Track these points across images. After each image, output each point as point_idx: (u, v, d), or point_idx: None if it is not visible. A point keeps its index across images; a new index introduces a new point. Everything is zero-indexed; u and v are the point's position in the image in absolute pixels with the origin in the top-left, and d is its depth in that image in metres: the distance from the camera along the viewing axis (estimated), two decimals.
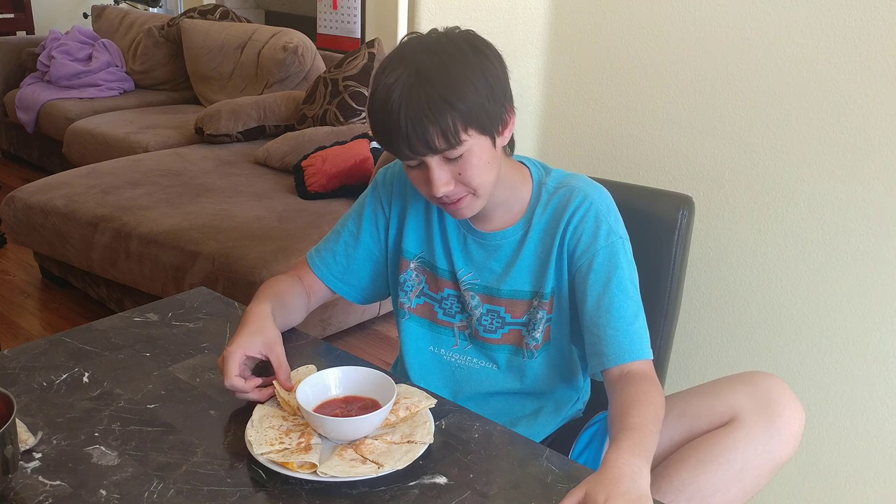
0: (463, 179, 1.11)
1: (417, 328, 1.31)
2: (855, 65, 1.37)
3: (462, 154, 1.08)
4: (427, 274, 1.29)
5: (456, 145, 1.07)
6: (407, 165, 1.13)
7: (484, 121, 1.08)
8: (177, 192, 2.85)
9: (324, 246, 1.34)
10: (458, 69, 1.06)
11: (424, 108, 1.03)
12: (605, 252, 1.17)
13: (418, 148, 1.06)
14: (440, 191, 1.10)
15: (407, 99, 1.04)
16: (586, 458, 1.25)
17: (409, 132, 1.05)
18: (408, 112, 1.04)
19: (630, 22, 1.61)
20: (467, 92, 1.05)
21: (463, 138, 1.06)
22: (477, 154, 1.09)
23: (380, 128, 1.09)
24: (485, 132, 1.09)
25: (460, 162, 1.09)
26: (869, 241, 1.43)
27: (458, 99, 1.04)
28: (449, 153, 1.08)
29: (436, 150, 1.07)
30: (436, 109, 1.03)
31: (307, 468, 0.95)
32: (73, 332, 1.28)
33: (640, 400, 1.04)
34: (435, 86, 1.04)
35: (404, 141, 1.06)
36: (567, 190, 1.21)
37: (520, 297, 1.23)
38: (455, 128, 1.05)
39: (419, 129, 1.04)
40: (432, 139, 1.05)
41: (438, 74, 1.04)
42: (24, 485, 0.92)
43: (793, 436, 1.10)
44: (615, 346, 1.13)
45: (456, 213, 1.16)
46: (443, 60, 1.06)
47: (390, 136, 1.07)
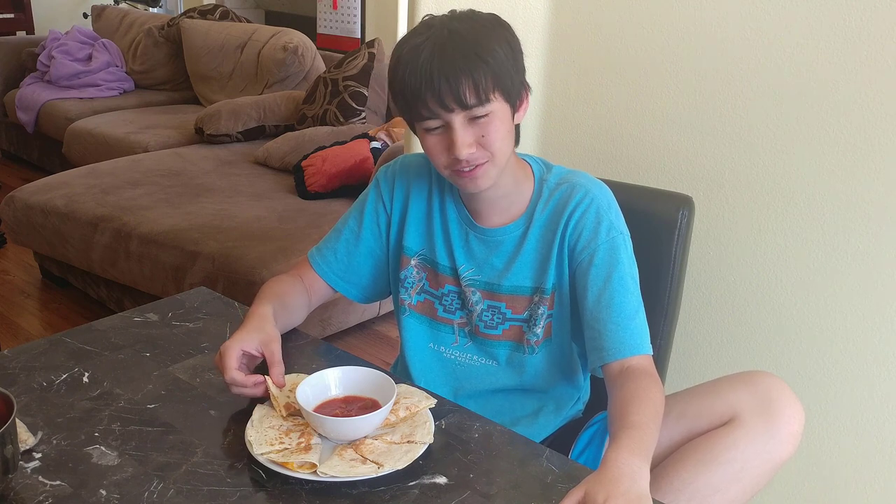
0: (485, 143, 1.11)
1: (418, 325, 1.31)
2: (855, 65, 1.37)
3: (487, 115, 1.10)
4: (428, 271, 1.29)
5: (485, 102, 1.08)
6: (426, 131, 1.13)
7: (509, 87, 1.11)
8: (177, 192, 2.86)
9: (325, 244, 1.34)
10: (488, 33, 1.10)
11: (459, 60, 1.06)
12: (606, 247, 1.17)
13: (448, 103, 1.07)
14: (463, 152, 1.10)
15: (440, 54, 1.06)
16: (586, 458, 1.25)
17: (442, 85, 1.06)
18: (441, 65, 1.06)
19: (630, 22, 1.61)
20: (498, 53, 1.09)
21: (491, 97, 1.09)
22: (500, 118, 1.11)
23: (407, 86, 1.09)
24: (508, 99, 1.12)
25: (483, 123, 1.10)
26: (869, 241, 1.43)
27: (490, 57, 1.08)
28: (476, 110, 1.09)
29: (465, 105, 1.08)
30: (471, 63, 1.06)
31: (307, 468, 0.95)
32: (73, 332, 1.28)
33: (640, 397, 1.04)
34: (468, 43, 1.07)
35: (435, 96, 1.07)
36: (568, 186, 1.21)
37: (521, 292, 1.24)
38: (486, 84, 1.07)
39: (453, 81, 1.06)
40: (464, 93, 1.07)
41: (471, 34, 1.08)
42: (24, 485, 0.92)
43: (792, 435, 1.10)
44: (615, 341, 1.13)
45: (473, 181, 1.15)
46: (472, 25, 1.10)
47: (419, 92, 1.08)
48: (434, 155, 1.14)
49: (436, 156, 1.14)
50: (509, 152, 1.16)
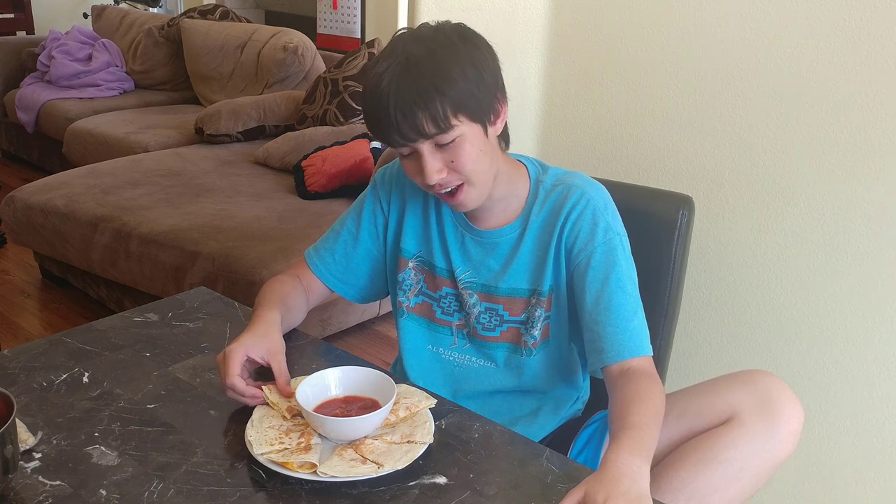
0: (456, 167, 1.11)
1: (416, 327, 1.31)
2: (855, 65, 1.37)
3: (454, 140, 1.09)
4: (425, 273, 1.29)
5: (447, 130, 1.07)
6: (401, 156, 1.14)
7: (474, 107, 1.09)
8: (177, 192, 2.85)
9: (322, 245, 1.34)
10: (446, 57, 1.07)
11: (413, 94, 1.05)
12: (603, 249, 1.17)
13: (409, 134, 1.07)
14: (433, 178, 1.11)
15: (396, 87, 1.05)
16: (585, 457, 1.25)
17: (399, 119, 1.06)
18: (397, 100, 1.05)
19: (630, 22, 1.61)
20: (456, 79, 1.06)
21: (453, 123, 1.07)
22: (469, 140, 1.10)
23: (371, 117, 1.10)
24: (475, 119, 1.10)
25: (452, 148, 1.10)
26: (869, 241, 1.43)
27: (446, 85, 1.06)
28: (440, 138, 1.08)
29: (426, 136, 1.08)
30: (425, 95, 1.05)
31: (307, 468, 0.95)
32: (73, 332, 1.28)
33: (640, 397, 1.04)
34: (423, 73, 1.05)
35: (395, 128, 1.07)
36: (564, 187, 1.21)
37: (518, 294, 1.24)
38: (444, 113, 1.06)
39: (409, 115, 1.05)
40: (422, 124, 1.06)
41: (427, 62, 1.06)
42: (24, 485, 0.92)
43: (792, 434, 1.10)
44: (614, 343, 1.13)
45: (457, 206, 1.16)
46: (431, 49, 1.07)
47: (381, 124, 1.09)
48: (412, 177, 1.16)
49: (413, 178, 1.15)
50: (487, 170, 1.14)
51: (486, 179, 1.15)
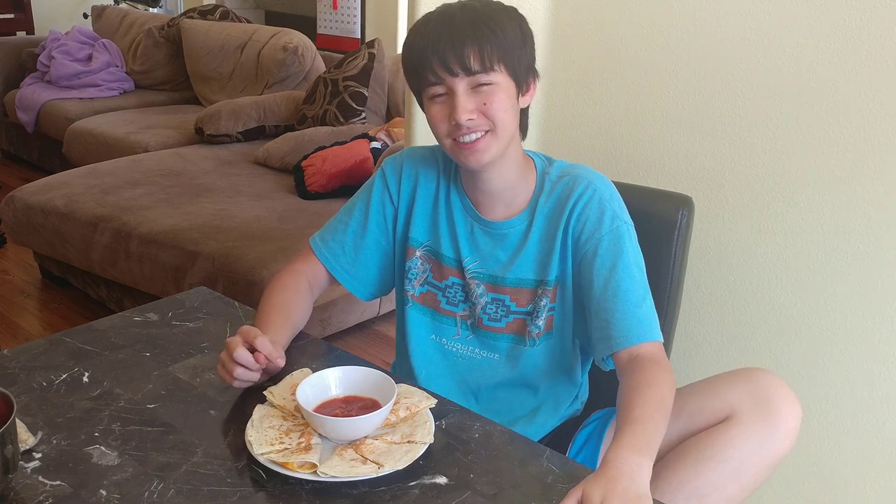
0: (487, 111, 1.13)
1: (420, 317, 1.31)
2: (855, 65, 1.37)
3: (491, 84, 1.12)
4: (432, 262, 1.29)
5: (488, 70, 1.11)
6: (431, 99, 1.15)
7: (515, 64, 1.14)
8: (177, 192, 2.86)
9: (331, 236, 1.33)
10: (501, 13, 1.15)
11: (467, 27, 1.10)
12: (611, 237, 1.18)
13: (452, 67, 1.10)
14: (463, 116, 1.12)
15: (450, 22, 1.11)
16: (584, 456, 1.26)
17: (447, 49, 1.10)
18: (449, 31, 1.10)
19: (630, 22, 1.61)
20: (507, 29, 1.13)
21: (496, 67, 1.12)
22: (504, 91, 1.14)
23: (415, 51, 1.14)
24: (513, 76, 1.15)
25: (486, 92, 1.13)
26: (869, 241, 1.43)
27: (499, 29, 1.12)
28: (479, 77, 1.11)
29: (469, 71, 1.11)
30: (478, 31, 1.10)
31: (307, 468, 0.95)
32: (73, 332, 1.28)
33: (645, 387, 1.04)
34: (479, 16, 1.12)
35: (440, 58, 1.10)
36: (570, 178, 1.22)
37: (524, 285, 1.24)
38: (491, 53, 1.11)
39: (458, 45, 1.10)
40: (468, 57, 1.10)
41: (483, 10, 1.14)
42: (24, 485, 0.92)
43: (790, 432, 1.11)
44: (623, 329, 1.13)
45: (473, 154, 1.16)
46: (486, 4, 1.16)
47: (425, 56, 1.12)
48: (437, 123, 1.16)
49: (438, 124, 1.16)
50: (512, 128, 1.17)
51: (508, 135, 1.17)
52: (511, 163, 1.21)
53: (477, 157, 1.16)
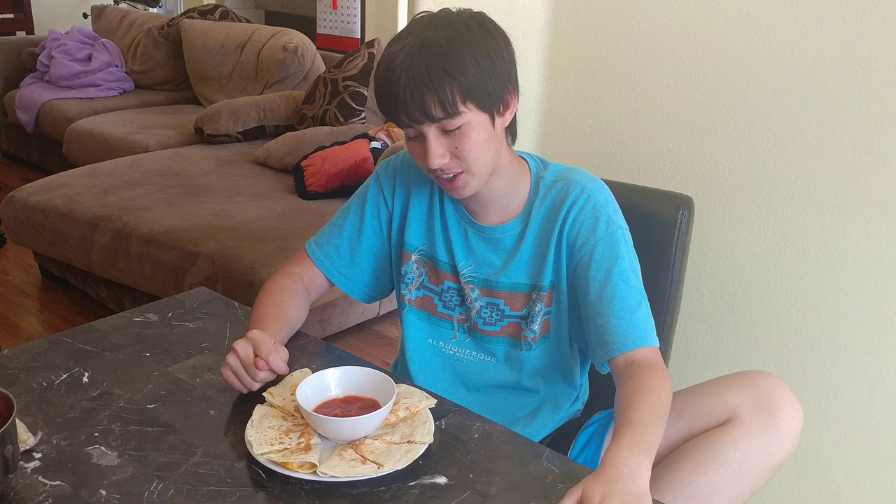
0: (459, 154, 1.12)
1: (417, 321, 1.31)
2: (855, 65, 1.37)
3: (460, 126, 1.10)
4: (428, 266, 1.29)
5: (454, 115, 1.08)
6: (407, 136, 1.15)
7: (484, 97, 1.10)
8: (176, 192, 2.86)
9: (326, 240, 1.33)
10: (461, 43, 1.08)
11: (424, 76, 1.06)
12: (606, 242, 1.17)
13: (416, 116, 1.08)
14: (435, 162, 1.11)
15: (408, 67, 1.06)
16: (585, 457, 1.26)
17: (408, 99, 1.07)
18: (407, 80, 1.06)
19: (630, 21, 1.61)
20: (468, 66, 1.07)
21: (461, 110, 1.08)
22: (475, 129, 1.11)
23: (381, 95, 1.12)
24: (484, 109, 1.11)
25: (458, 135, 1.10)
26: (869, 241, 1.43)
27: (458, 71, 1.06)
28: (446, 123, 1.09)
29: (433, 119, 1.08)
30: (435, 78, 1.06)
31: (307, 468, 0.95)
32: (73, 332, 1.28)
33: (643, 391, 1.04)
34: (436, 56, 1.06)
35: (402, 108, 1.08)
36: (564, 183, 1.22)
37: (518, 289, 1.24)
38: (453, 98, 1.07)
39: (417, 96, 1.06)
40: (430, 107, 1.07)
41: (441, 46, 1.07)
42: (24, 485, 0.92)
43: (791, 434, 1.10)
44: (619, 335, 1.13)
45: (453, 191, 1.17)
46: (448, 34, 1.08)
47: (390, 103, 1.10)
48: (415, 158, 1.17)
49: (417, 160, 1.17)
50: (488, 161, 1.15)
51: (486, 170, 1.16)
52: (500, 175, 1.20)
53: (458, 192, 1.17)
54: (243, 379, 1.09)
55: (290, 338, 1.26)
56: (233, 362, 1.09)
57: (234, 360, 1.09)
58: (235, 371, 1.09)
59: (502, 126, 1.17)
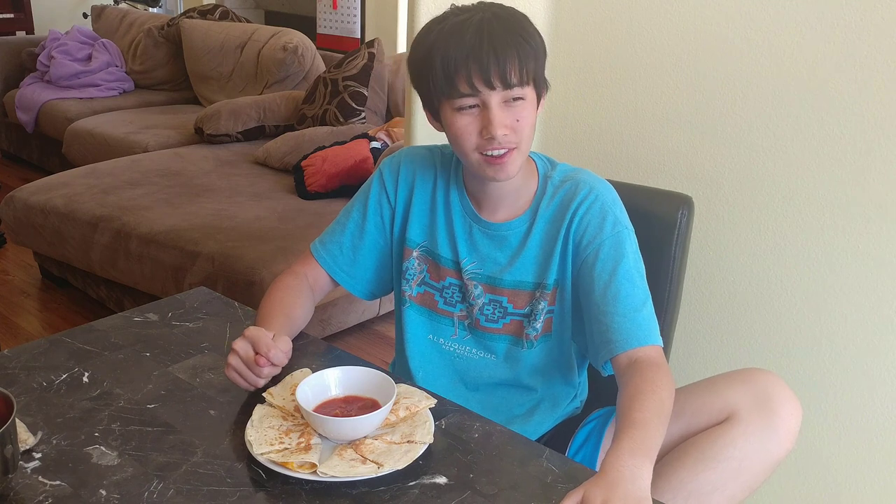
0: (517, 127, 1.12)
1: (417, 317, 1.31)
2: (855, 65, 1.37)
3: (524, 99, 1.12)
4: (429, 263, 1.29)
5: (524, 84, 1.10)
6: (458, 111, 1.12)
7: (541, 76, 1.14)
8: (176, 192, 2.86)
9: (329, 238, 1.34)
10: (526, 20, 1.13)
11: (509, 38, 1.08)
12: (611, 242, 1.18)
13: (492, 79, 1.08)
14: (499, 131, 1.10)
15: (489, 31, 1.08)
16: (583, 455, 1.26)
17: (490, 61, 1.07)
18: (491, 40, 1.07)
19: (630, 22, 1.61)
20: (538, 40, 1.13)
21: (529, 82, 1.11)
22: (531, 106, 1.14)
23: (449, 61, 1.08)
24: (538, 90, 1.15)
25: (518, 107, 1.12)
26: (869, 241, 1.43)
27: (533, 43, 1.11)
28: (514, 92, 1.10)
29: (507, 84, 1.09)
30: (518, 43, 1.09)
31: (307, 468, 0.95)
32: (73, 332, 1.28)
33: (645, 391, 1.04)
34: (514, 25, 1.10)
35: (481, 70, 1.07)
36: (573, 183, 1.22)
37: (523, 287, 1.24)
38: (528, 67, 1.10)
39: (501, 58, 1.07)
40: (510, 71, 1.08)
41: (514, 18, 1.11)
42: (24, 485, 0.92)
43: (790, 432, 1.11)
44: (622, 333, 1.13)
45: (503, 168, 1.14)
46: (513, 12, 1.13)
47: (463, 66, 1.08)
48: (464, 136, 1.13)
49: (466, 136, 1.13)
50: (531, 144, 1.17)
51: (528, 150, 1.18)
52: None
53: (506, 172, 1.15)
54: (248, 377, 1.09)
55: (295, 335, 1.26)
56: (234, 362, 1.09)
57: (235, 361, 1.09)
58: (239, 370, 1.09)
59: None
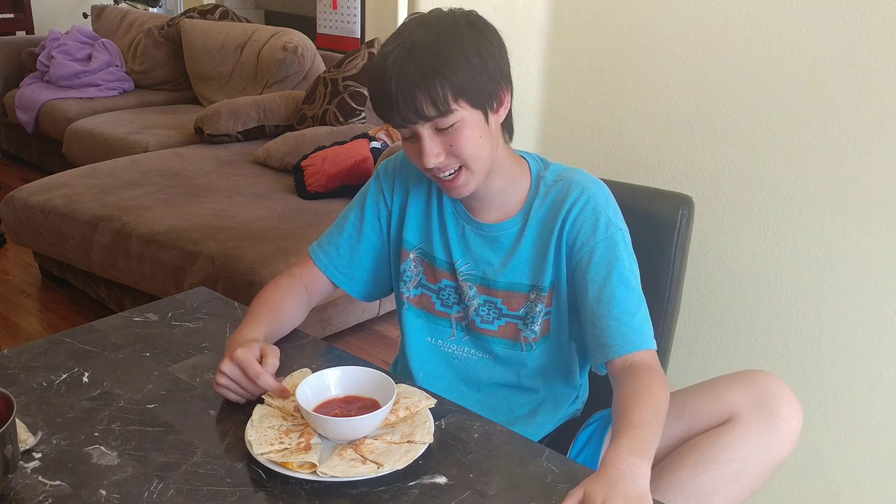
0: (454, 151, 1.12)
1: (416, 319, 1.32)
2: (855, 65, 1.37)
3: (453, 124, 1.10)
4: (425, 265, 1.30)
5: (446, 113, 1.09)
6: (403, 138, 1.16)
7: (476, 94, 1.11)
8: (176, 192, 2.86)
9: (326, 240, 1.34)
10: (451, 42, 1.09)
11: (415, 76, 1.07)
12: (605, 244, 1.17)
13: (408, 116, 1.09)
14: (430, 161, 1.12)
15: (399, 68, 1.07)
16: (584, 457, 1.26)
17: (399, 100, 1.08)
18: (399, 81, 1.07)
19: (630, 22, 1.61)
20: (459, 64, 1.08)
21: (453, 107, 1.09)
22: (469, 126, 1.12)
23: (375, 97, 1.12)
24: (477, 106, 1.12)
25: (451, 133, 1.11)
26: (869, 241, 1.43)
27: (448, 70, 1.07)
28: (439, 122, 1.10)
29: (425, 118, 1.09)
30: (425, 77, 1.07)
31: (307, 468, 0.95)
32: (73, 332, 1.28)
33: (641, 394, 1.04)
34: (426, 56, 1.07)
35: (395, 109, 1.09)
36: (565, 183, 1.22)
37: (517, 289, 1.24)
38: (444, 96, 1.07)
39: (408, 96, 1.07)
40: (421, 106, 1.08)
41: (431, 46, 1.08)
42: (24, 485, 0.92)
43: (791, 434, 1.11)
44: (618, 337, 1.13)
45: (452, 191, 1.17)
46: (437, 34, 1.09)
47: (383, 104, 1.11)
48: (412, 159, 1.17)
49: (413, 160, 1.17)
50: (486, 157, 1.15)
51: (484, 167, 1.16)
52: (498, 172, 1.20)
53: (458, 192, 1.17)
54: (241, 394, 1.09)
55: (284, 335, 1.27)
56: (224, 382, 1.09)
57: (225, 381, 1.09)
58: (229, 388, 1.09)
59: (497, 123, 1.17)
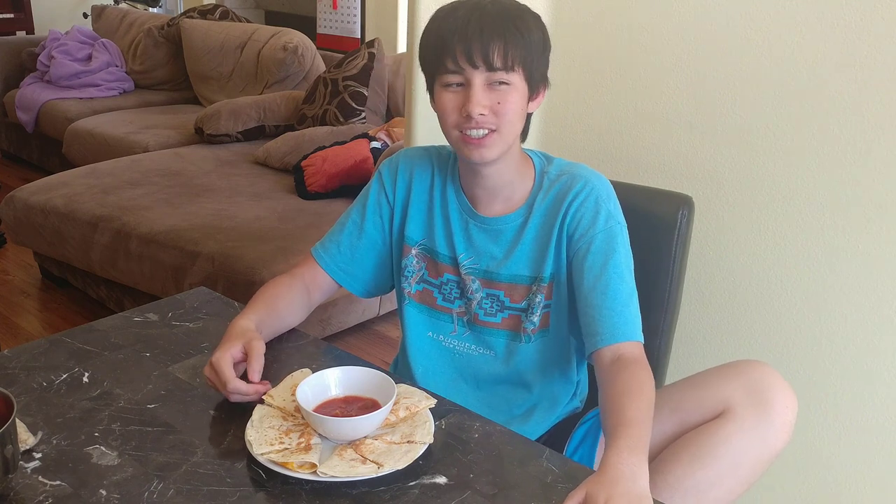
0: (498, 110, 1.14)
1: (417, 314, 1.32)
2: (855, 64, 1.37)
3: (508, 84, 1.13)
4: (427, 260, 1.30)
5: (508, 70, 1.12)
6: (444, 87, 1.16)
7: (532, 70, 1.15)
8: (176, 192, 2.86)
9: (328, 238, 1.35)
10: (529, 16, 1.15)
11: (497, 22, 1.11)
12: (604, 236, 1.19)
13: (474, 59, 1.11)
14: (476, 110, 1.12)
15: (480, 12, 1.11)
16: (580, 455, 1.26)
17: (473, 40, 1.10)
18: (479, 21, 1.10)
19: (630, 22, 1.61)
20: (533, 36, 1.14)
21: (516, 68, 1.12)
22: (518, 93, 1.15)
23: (440, 36, 1.13)
24: (528, 81, 1.16)
25: (500, 91, 1.13)
26: (869, 241, 1.43)
27: (527, 32, 1.13)
28: (497, 75, 1.12)
29: (490, 66, 1.11)
30: (506, 28, 1.11)
31: (307, 468, 0.95)
32: (73, 332, 1.28)
33: (633, 390, 1.05)
34: (509, 13, 1.13)
35: (465, 48, 1.10)
36: (568, 177, 1.23)
37: (519, 281, 1.25)
38: (514, 55, 1.11)
39: (486, 38, 1.10)
40: (492, 53, 1.10)
41: (513, 7, 1.14)
42: (24, 485, 0.92)
43: (786, 424, 1.11)
44: (609, 326, 1.14)
45: (479, 150, 1.16)
46: (518, 4, 1.16)
47: (450, 42, 1.11)
48: (446, 112, 1.16)
49: (448, 113, 1.16)
50: (518, 130, 1.18)
51: (512, 138, 1.18)
52: (510, 161, 1.22)
53: (481, 153, 1.16)
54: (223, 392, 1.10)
55: (282, 331, 1.27)
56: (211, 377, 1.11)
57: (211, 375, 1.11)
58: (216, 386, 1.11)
59: (529, 111, 1.20)
